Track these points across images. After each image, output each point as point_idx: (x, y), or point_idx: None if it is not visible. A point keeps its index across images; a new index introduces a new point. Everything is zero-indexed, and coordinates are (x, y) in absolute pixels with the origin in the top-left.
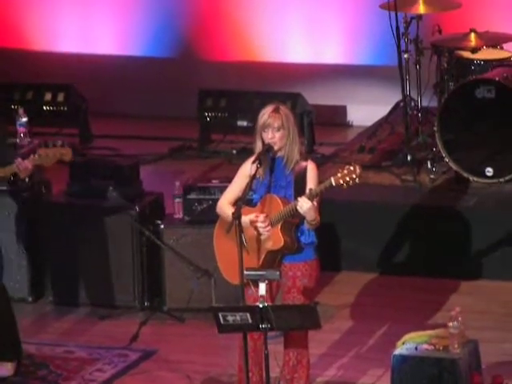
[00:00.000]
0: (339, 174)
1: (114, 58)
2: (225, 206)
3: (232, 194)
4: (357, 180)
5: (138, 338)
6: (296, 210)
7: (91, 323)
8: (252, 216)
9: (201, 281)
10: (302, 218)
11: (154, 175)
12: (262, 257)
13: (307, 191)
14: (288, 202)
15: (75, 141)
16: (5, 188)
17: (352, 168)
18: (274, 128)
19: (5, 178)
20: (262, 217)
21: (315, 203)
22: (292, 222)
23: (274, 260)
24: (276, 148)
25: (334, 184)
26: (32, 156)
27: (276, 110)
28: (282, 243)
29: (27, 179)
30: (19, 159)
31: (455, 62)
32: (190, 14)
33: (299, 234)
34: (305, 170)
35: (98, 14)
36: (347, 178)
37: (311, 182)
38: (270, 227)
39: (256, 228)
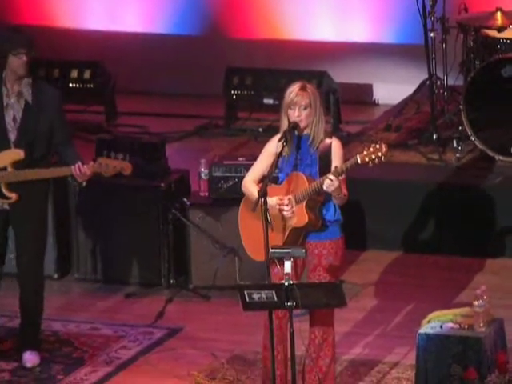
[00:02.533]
0: (365, 152)
1: (141, 35)
2: (250, 184)
3: (257, 172)
4: (382, 158)
5: (163, 316)
6: (321, 187)
7: (116, 301)
8: (277, 198)
9: (226, 259)
10: (328, 196)
11: (180, 153)
12: (286, 234)
13: (333, 169)
14: (313, 180)
15: (101, 118)
16: None
17: (378, 146)
18: (300, 106)
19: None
20: (286, 200)
21: (341, 178)
22: (317, 200)
23: (298, 237)
24: (302, 126)
25: (359, 162)
26: (92, 163)
27: (303, 88)
28: (307, 220)
29: (84, 183)
30: (79, 163)
31: (481, 40)
32: None
33: (325, 212)
34: (329, 148)
35: None
36: (373, 156)
37: (336, 160)
38: (294, 209)
39: (281, 211)
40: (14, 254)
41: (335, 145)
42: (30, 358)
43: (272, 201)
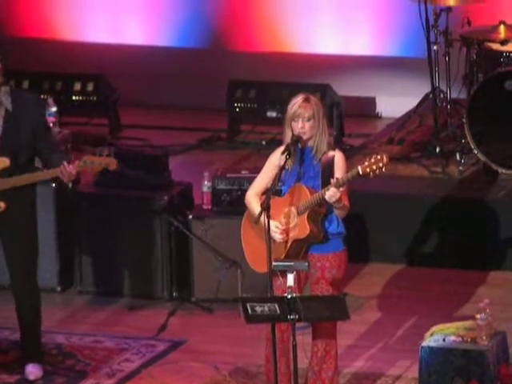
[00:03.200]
0: (366, 163)
1: (144, 48)
2: (252, 197)
3: (260, 185)
4: (383, 169)
5: (166, 329)
6: (323, 198)
7: (119, 313)
8: (276, 224)
9: (229, 271)
10: (330, 208)
11: (183, 166)
12: (288, 245)
13: (334, 180)
14: (315, 192)
15: (105, 131)
16: None
17: (379, 157)
18: (304, 118)
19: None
20: (282, 229)
21: (341, 190)
22: (319, 212)
23: (300, 249)
24: (305, 138)
25: (360, 173)
26: (77, 162)
27: (307, 100)
28: (308, 232)
29: (70, 184)
30: (65, 163)
31: (484, 53)
32: (220, 4)
33: (328, 224)
34: (332, 160)
35: (128, 4)
36: (374, 167)
37: (339, 172)
38: (284, 235)
39: (274, 235)
40: None
41: (338, 157)
42: (33, 371)
43: (271, 224)
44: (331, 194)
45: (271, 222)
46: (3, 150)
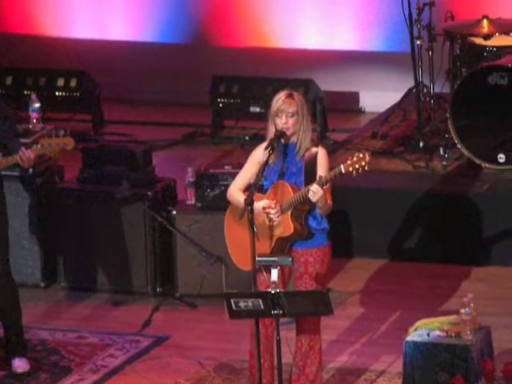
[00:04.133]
0: (349, 162)
1: (127, 44)
2: (236, 192)
3: (242, 181)
4: (366, 167)
5: (150, 324)
6: (306, 196)
7: (103, 309)
8: (264, 202)
9: (213, 267)
10: (313, 205)
11: (166, 161)
12: (272, 243)
13: (317, 178)
14: (298, 189)
15: (88, 127)
16: (18, 174)
17: (361, 155)
18: (287, 113)
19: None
20: (273, 203)
21: (325, 188)
22: (302, 209)
23: (284, 246)
24: (288, 133)
25: (343, 171)
26: (34, 146)
27: (290, 96)
28: (292, 230)
29: (30, 170)
30: (23, 149)
31: (468, 48)
32: (203, 0)
33: (311, 220)
34: (315, 157)
35: (111, 0)
36: (356, 166)
37: (321, 169)
38: (280, 213)
39: (268, 214)
40: None
41: (321, 154)
42: (20, 365)
43: (259, 205)
44: (314, 192)
45: (256, 204)
46: None
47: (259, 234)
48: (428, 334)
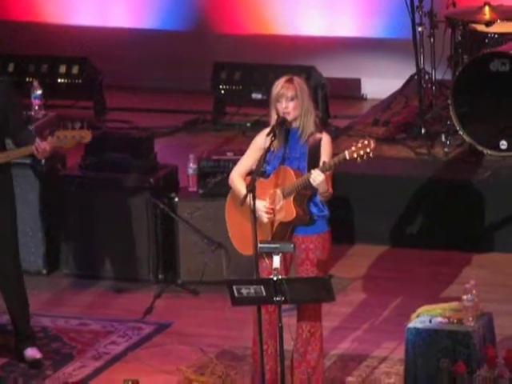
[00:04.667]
0: (353, 148)
1: (129, 31)
2: (237, 179)
3: (244, 167)
4: (371, 154)
5: (152, 311)
6: (309, 182)
7: (105, 296)
8: (263, 205)
9: (215, 254)
10: (315, 190)
11: (168, 148)
12: (274, 228)
13: (321, 164)
14: (301, 174)
15: (90, 114)
16: (20, 161)
17: (366, 142)
18: (287, 98)
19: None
20: (269, 209)
21: (327, 174)
22: (304, 194)
23: (285, 231)
24: (290, 118)
25: (347, 158)
26: (50, 138)
27: (289, 81)
28: (294, 215)
29: (43, 161)
30: (38, 140)
31: (469, 35)
32: None
33: (312, 206)
34: (319, 142)
35: None
36: (361, 152)
37: (325, 155)
38: (271, 215)
39: (261, 215)
40: None
41: (325, 140)
42: (35, 352)
43: (258, 204)
44: (316, 177)
45: (258, 201)
46: None
47: (261, 220)
48: (430, 321)
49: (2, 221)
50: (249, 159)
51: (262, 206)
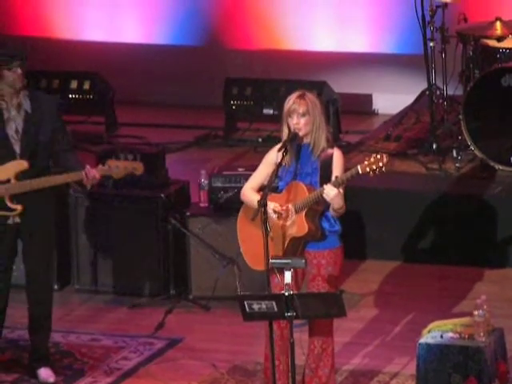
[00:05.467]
0: (366, 162)
1: (140, 46)
2: (250, 192)
3: (256, 182)
4: (383, 169)
5: (163, 326)
6: (321, 196)
7: (117, 311)
8: (274, 205)
9: (226, 269)
10: (327, 206)
11: (179, 163)
12: (286, 243)
13: (333, 178)
14: (313, 189)
15: (101, 129)
16: None
17: (379, 156)
18: (299, 113)
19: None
20: (282, 210)
21: (341, 190)
22: (317, 210)
23: (297, 246)
24: (301, 134)
25: (360, 172)
26: (101, 166)
27: (301, 96)
28: (307, 230)
29: (88, 186)
30: (88, 167)
31: (481, 50)
32: (216, 1)
33: (324, 221)
34: (331, 158)
35: (124, 2)
36: (374, 167)
37: (337, 170)
38: (292, 217)
39: (279, 215)
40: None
41: (337, 155)
42: (49, 374)
43: (269, 206)
44: (329, 191)
45: (269, 202)
46: (23, 152)
47: (273, 235)
48: (441, 336)
49: (44, 243)
50: (261, 174)
51: (272, 206)
